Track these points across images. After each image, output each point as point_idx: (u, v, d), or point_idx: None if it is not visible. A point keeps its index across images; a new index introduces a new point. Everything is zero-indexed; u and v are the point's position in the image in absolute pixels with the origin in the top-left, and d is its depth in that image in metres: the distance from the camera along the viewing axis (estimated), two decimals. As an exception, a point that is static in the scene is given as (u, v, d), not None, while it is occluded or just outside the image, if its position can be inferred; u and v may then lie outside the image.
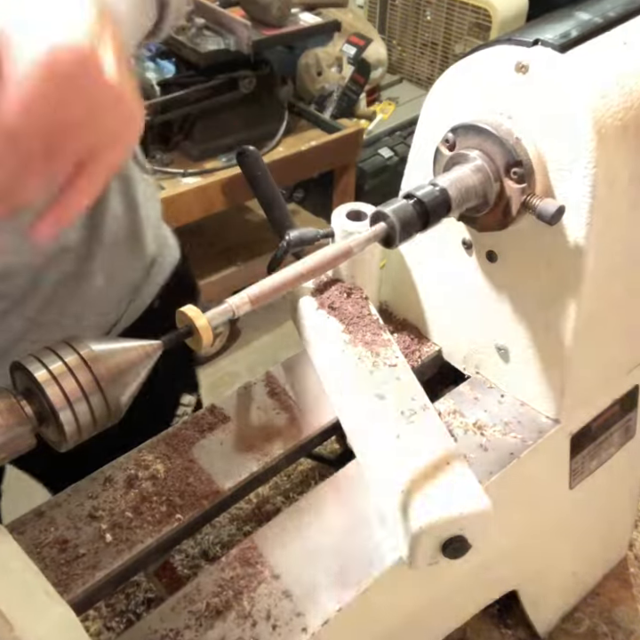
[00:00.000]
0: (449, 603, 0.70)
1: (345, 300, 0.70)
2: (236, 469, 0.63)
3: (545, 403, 0.66)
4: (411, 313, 0.76)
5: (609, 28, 0.58)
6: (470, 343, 0.70)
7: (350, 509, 0.61)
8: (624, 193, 0.57)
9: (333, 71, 2.42)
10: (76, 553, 0.57)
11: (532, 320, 0.63)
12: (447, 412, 0.67)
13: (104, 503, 0.60)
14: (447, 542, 0.55)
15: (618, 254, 0.60)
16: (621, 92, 0.55)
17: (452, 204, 0.54)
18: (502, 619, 0.85)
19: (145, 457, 0.64)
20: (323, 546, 0.58)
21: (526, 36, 0.56)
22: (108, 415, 0.42)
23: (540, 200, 0.54)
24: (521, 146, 0.55)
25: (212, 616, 0.54)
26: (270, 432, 0.67)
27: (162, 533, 0.59)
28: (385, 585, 0.57)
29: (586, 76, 0.54)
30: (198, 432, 0.66)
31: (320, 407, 0.69)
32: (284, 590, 0.55)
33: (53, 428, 0.41)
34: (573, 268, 0.58)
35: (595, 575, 0.91)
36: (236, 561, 0.57)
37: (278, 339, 2.33)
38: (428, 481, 0.55)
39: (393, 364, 0.65)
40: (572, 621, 0.87)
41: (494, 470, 0.62)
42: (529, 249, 0.60)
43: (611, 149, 0.54)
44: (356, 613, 0.56)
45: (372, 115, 2.57)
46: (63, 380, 0.40)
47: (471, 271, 0.66)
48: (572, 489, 0.73)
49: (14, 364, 0.41)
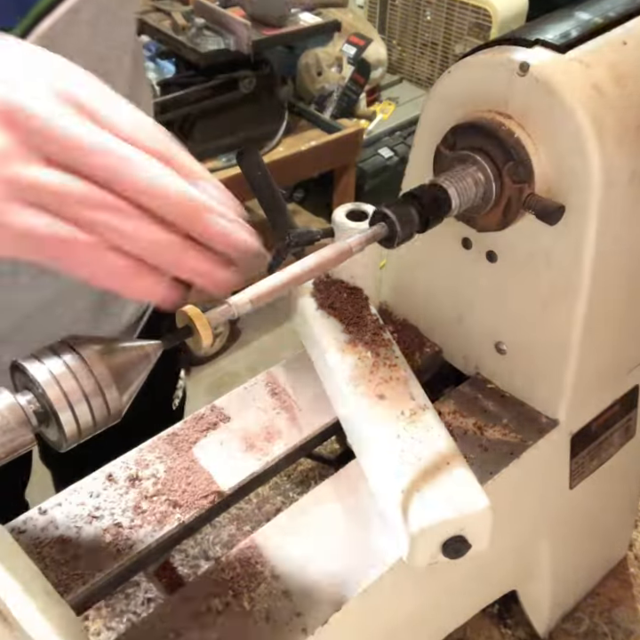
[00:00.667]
0: (449, 603, 0.70)
1: (345, 300, 0.70)
2: (236, 469, 0.63)
3: (545, 403, 0.66)
4: (411, 313, 0.76)
5: (609, 28, 0.58)
6: (470, 343, 0.70)
7: (350, 509, 0.61)
8: (624, 193, 0.57)
9: (333, 71, 2.43)
10: (76, 553, 0.57)
11: (532, 320, 0.63)
12: (447, 412, 0.67)
13: (104, 503, 0.60)
14: (447, 542, 0.55)
15: (618, 254, 0.60)
16: (621, 92, 0.55)
17: (452, 203, 0.54)
18: (502, 619, 0.85)
19: (145, 456, 0.64)
20: (323, 546, 0.58)
21: (526, 35, 0.56)
22: (108, 415, 0.42)
23: (539, 200, 0.54)
24: (521, 146, 0.55)
25: (212, 616, 0.54)
26: (270, 432, 0.67)
27: (162, 533, 0.59)
28: (385, 585, 0.57)
29: (586, 76, 0.54)
30: (198, 432, 0.66)
31: (320, 407, 0.69)
32: (283, 590, 0.55)
33: (53, 428, 0.41)
34: (573, 268, 0.58)
35: (595, 575, 0.91)
36: (236, 561, 0.57)
37: (278, 339, 2.33)
38: (428, 481, 0.55)
39: (393, 364, 0.65)
40: (572, 621, 0.87)
41: (494, 470, 0.62)
42: (529, 249, 0.60)
43: (610, 149, 0.54)
44: (356, 613, 0.56)
45: (371, 115, 2.57)
46: (63, 381, 0.40)
47: (471, 271, 0.66)
48: (572, 489, 0.73)
49: (14, 364, 0.41)
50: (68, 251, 0.35)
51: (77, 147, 0.35)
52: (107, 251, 0.36)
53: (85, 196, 0.35)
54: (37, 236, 0.35)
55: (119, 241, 0.36)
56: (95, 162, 0.35)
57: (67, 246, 0.35)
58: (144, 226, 0.36)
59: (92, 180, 0.35)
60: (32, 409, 0.41)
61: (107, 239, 0.35)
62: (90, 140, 0.35)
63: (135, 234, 0.36)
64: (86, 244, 0.35)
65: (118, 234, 0.35)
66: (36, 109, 0.35)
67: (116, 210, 0.35)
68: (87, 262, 0.36)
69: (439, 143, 0.58)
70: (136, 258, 0.36)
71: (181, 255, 0.38)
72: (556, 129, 0.54)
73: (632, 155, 0.56)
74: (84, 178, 0.35)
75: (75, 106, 0.35)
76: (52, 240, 0.35)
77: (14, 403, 0.40)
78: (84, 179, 0.35)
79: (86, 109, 0.36)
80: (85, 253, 0.35)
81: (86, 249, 0.35)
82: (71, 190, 0.35)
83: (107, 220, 0.35)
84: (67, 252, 0.35)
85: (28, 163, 0.35)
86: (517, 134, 0.55)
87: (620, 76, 0.55)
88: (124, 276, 0.36)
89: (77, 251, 0.35)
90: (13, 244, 0.36)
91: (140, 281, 0.37)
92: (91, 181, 0.35)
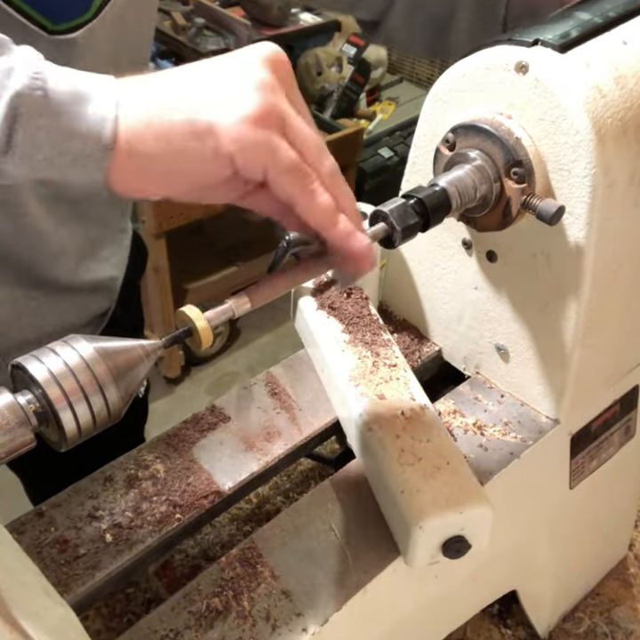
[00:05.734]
0: (449, 603, 0.70)
1: (345, 300, 0.70)
2: (236, 469, 0.63)
3: (545, 403, 0.66)
4: (411, 313, 0.76)
5: (609, 28, 0.58)
6: (470, 343, 0.70)
7: (350, 509, 0.61)
8: (624, 193, 0.57)
9: (333, 71, 2.43)
10: (76, 553, 0.57)
11: (532, 320, 0.63)
12: (447, 412, 0.67)
13: (104, 503, 0.60)
14: (447, 542, 0.55)
15: (618, 254, 0.60)
16: (621, 92, 0.55)
17: (453, 204, 0.54)
18: (502, 619, 0.85)
19: (145, 457, 0.64)
20: (323, 546, 0.58)
21: (526, 36, 0.56)
22: (107, 415, 0.42)
23: (539, 200, 0.54)
24: (521, 146, 0.55)
25: (212, 616, 0.54)
26: (270, 432, 0.67)
27: (162, 533, 0.59)
28: (385, 585, 0.57)
29: (586, 76, 0.54)
30: (198, 432, 0.66)
31: (320, 407, 0.69)
32: (283, 590, 0.55)
33: (53, 428, 0.41)
34: (573, 268, 0.58)
35: (595, 575, 0.91)
36: (236, 561, 0.57)
37: (278, 339, 2.33)
38: (428, 481, 0.55)
39: (393, 364, 0.65)
40: (572, 621, 0.87)
41: (494, 470, 0.62)
42: (529, 249, 0.60)
43: (610, 149, 0.54)
44: (356, 613, 0.56)
45: (371, 115, 2.57)
46: (63, 380, 0.40)
47: (471, 271, 0.66)
48: (572, 489, 0.73)
49: (14, 363, 0.41)
50: (311, 192, 0.44)
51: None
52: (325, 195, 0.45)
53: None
54: (302, 172, 0.43)
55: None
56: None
57: (310, 185, 0.44)
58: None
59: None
60: (32, 409, 0.41)
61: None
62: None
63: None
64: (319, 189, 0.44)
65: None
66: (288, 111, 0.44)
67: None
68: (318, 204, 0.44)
69: (439, 143, 0.58)
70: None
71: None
72: (555, 129, 0.54)
73: (632, 155, 0.56)
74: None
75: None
76: (308, 178, 0.43)
77: (14, 402, 0.40)
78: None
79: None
80: (318, 195, 0.44)
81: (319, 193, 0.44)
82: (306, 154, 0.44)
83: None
84: (310, 192, 0.44)
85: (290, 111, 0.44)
86: (517, 134, 0.55)
87: (620, 76, 0.55)
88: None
89: (316, 193, 0.44)
90: (280, 178, 0.43)
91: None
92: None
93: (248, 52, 0.45)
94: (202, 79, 0.44)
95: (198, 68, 0.45)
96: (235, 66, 0.44)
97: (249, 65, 0.43)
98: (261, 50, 0.44)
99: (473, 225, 0.60)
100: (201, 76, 0.44)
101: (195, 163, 0.43)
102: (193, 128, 0.42)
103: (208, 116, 0.42)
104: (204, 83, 0.44)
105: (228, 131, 0.42)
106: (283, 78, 0.44)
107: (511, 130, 0.55)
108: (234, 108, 0.42)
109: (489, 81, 0.57)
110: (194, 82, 0.44)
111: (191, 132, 0.42)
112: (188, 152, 0.42)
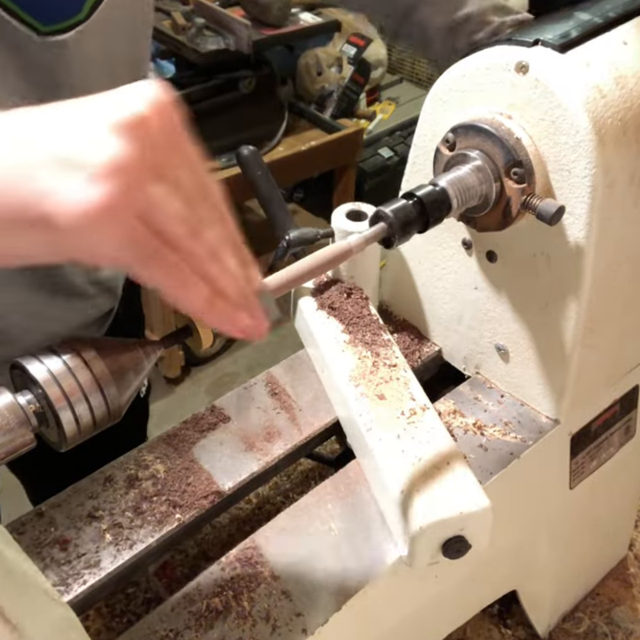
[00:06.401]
0: (449, 603, 0.70)
1: (345, 300, 0.70)
2: (236, 469, 0.63)
3: (545, 403, 0.66)
4: (411, 313, 0.76)
5: (609, 28, 0.58)
6: (470, 343, 0.70)
7: (350, 509, 0.61)
8: (624, 193, 0.57)
9: (333, 71, 2.42)
10: (76, 553, 0.57)
11: (532, 320, 0.63)
12: (447, 412, 0.67)
13: (104, 503, 0.60)
14: (447, 542, 0.55)
15: (618, 254, 0.60)
16: (621, 92, 0.55)
17: (452, 204, 0.54)
18: (502, 619, 0.85)
19: (145, 457, 0.64)
20: (323, 546, 0.58)
21: (526, 36, 0.56)
22: (107, 415, 0.42)
23: (539, 200, 0.54)
24: (521, 146, 0.55)
25: (212, 616, 0.54)
26: (270, 432, 0.67)
27: (162, 533, 0.59)
28: (385, 585, 0.57)
29: (586, 76, 0.54)
30: (198, 432, 0.66)
31: (320, 407, 0.69)
32: (283, 590, 0.55)
33: (53, 428, 0.41)
34: (573, 268, 0.58)
35: (595, 575, 0.91)
36: (236, 561, 0.57)
37: (278, 339, 2.33)
38: (428, 481, 0.55)
39: (393, 364, 0.65)
40: (572, 621, 0.87)
41: (494, 470, 0.62)
42: (529, 249, 0.60)
43: (610, 149, 0.54)
44: (356, 613, 0.56)
45: (371, 115, 2.56)
46: (63, 380, 0.40)
47: (471, 271, 0.66)
48: (572, 489, 0.73)
49: (14, 363, 0.41)
50: (180, 283, 0.37)
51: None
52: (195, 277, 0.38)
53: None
54: (166, 262, 0.36)
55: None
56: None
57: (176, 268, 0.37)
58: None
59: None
60: (32, 409, 0.41)
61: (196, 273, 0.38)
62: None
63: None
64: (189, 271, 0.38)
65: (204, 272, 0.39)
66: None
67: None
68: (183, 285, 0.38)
69: (439, 143, 0.58)
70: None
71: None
72: (555, 129, 0.54)
73: (632, 155, 0.56)
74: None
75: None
76: (175, 269, 0.37)
77: (14, 403, 0.40)
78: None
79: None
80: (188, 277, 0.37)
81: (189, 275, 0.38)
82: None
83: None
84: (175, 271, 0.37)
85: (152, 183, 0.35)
86: (517, 134, 0.55)
87: (620, 76, 0.55)
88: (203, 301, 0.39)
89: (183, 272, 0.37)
90: (140, 270, 0.36)
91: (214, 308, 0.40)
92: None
93: (100, 112, 0.34)
94: (41, 141, 0.34)
95: (37, 124, 0.34)
96: (83, 132, 0.34)
97: (97, 135, 0.33)
98: (123, 105, 0.34)
99: (473, 225, 0.60)
100: (40, 138, 0.34)
101: (23, 250, 0.35)
102: (24, 215, 0.33)
103: (43, 202, 0.33)
104: (44, 148, 0.33)
105: (67, 225, 0.33)
106: (154, 135, 0.35)
107: (511, 130, 0.55)
108: (76, 195, 0.33)
109: (489, 81, 0.57)
110: (28, 146, 0.34)
111: (21, 219, 0.34)
112: (14, 239, 0.34)
